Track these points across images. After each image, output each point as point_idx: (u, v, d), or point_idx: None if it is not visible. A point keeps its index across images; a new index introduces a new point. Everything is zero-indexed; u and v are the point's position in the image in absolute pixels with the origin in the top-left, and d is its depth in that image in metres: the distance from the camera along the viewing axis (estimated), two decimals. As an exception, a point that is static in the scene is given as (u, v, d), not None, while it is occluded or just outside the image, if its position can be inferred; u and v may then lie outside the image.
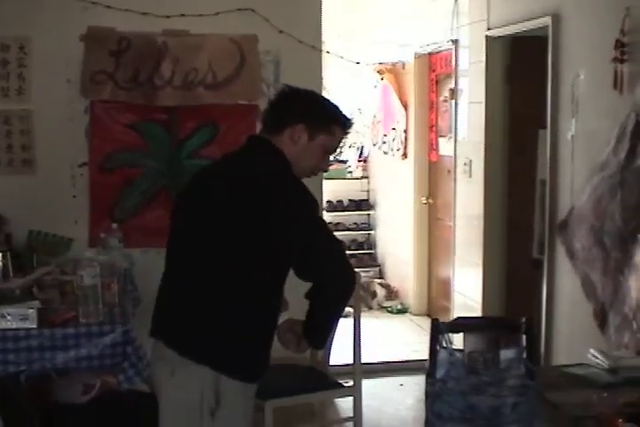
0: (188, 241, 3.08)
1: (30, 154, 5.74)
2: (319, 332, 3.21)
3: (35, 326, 4.04)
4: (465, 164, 6.73)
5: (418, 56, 8.21)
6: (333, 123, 3.15)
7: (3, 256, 4.72)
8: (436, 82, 8.03)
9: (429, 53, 8.04)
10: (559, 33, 5.24)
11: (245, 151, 3.16)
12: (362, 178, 9.99)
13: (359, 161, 10.07)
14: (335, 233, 9.29)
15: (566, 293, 5.20)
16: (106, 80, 5.78)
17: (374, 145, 9.70)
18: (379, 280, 9.19)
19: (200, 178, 3.18)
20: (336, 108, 3.22)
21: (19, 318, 4.03)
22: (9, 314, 4.03)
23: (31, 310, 4.07)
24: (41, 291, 4.53)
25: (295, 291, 3.20)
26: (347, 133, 3.22)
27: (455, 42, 6.92)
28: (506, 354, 3.39)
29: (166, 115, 5.91)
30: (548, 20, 5.30)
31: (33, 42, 5.67)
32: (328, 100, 3.28)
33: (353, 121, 3.33)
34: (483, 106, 6.32)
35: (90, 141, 5.83)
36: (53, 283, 4.59)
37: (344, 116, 3.23)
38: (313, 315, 3.12)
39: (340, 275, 3.07)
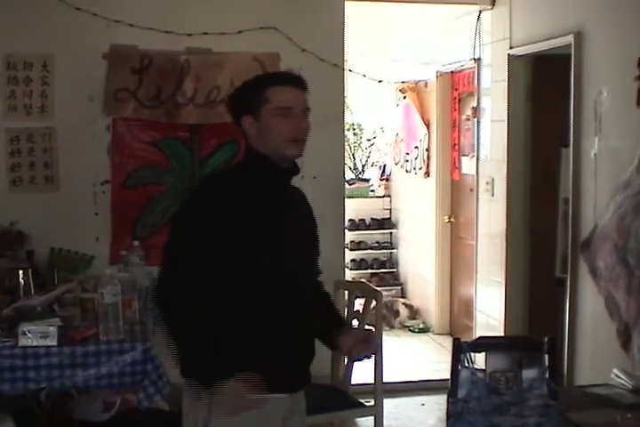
0: None
1: (53, 171, 5.76)
2: None
3: (55, 344, 4.05)
4: (487, 182, 6.71)
5: (440, 74, 8.21)
6: (263, 89, 2.96)
7: (24, 273, 4.74)
8: (459, 100, 8.02)
9: (452, 72, 8.04)
10: (582, 51, 5.23)
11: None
12: (384, 196, 9.98)
13: (381, 179, 10.06)
14: (357, 252, 9.25)
15: (589, 312, 5.17)
16: (128, 98, 5.80)
17: (396, 164, 9.69)
18: (402, 300, 9.16)
19: None
20: (258, 77, 3.09)
21: (39, 336, 4.04)
22: (30, 331, 4.04)
23: (52, 328, 4.08)
24: (62, 308, 4.54)
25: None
26: (289, 82, 3.01)
27: (477, 60, 6.92)
28: (528, 374, 3.35)
29: (188, 132, 5.93)
30: (570, 39, 5.30)
31: (56, 60, 5.71)
32: (256, 76, 3.10)
33: (291, 72, 3.13)
34: (505, 124, 6.31)
35: (112, 159, 5.85)
36: (74, 300, 4.61)
37: (271, 73, 3.20)
38: None
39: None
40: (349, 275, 8.88)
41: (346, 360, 4.91)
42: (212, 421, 2.89)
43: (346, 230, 6.85)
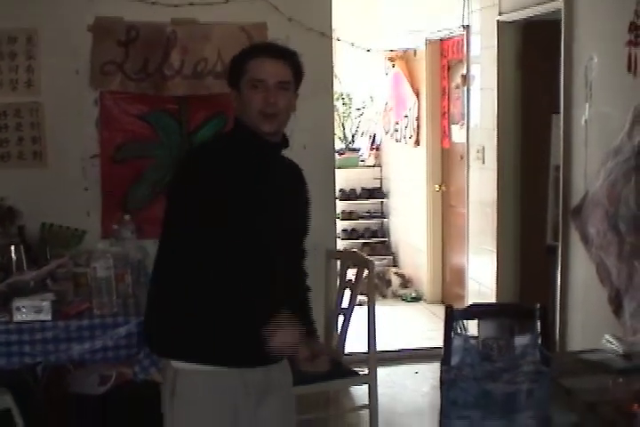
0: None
1: (41, 146, 5.77)
2: None
3: (49, 319, 4.08)
4: (478, 150, 6.75)
5: (429, 42, 8.22)
6: (244, 62, 2.96)
7: (16, 249, 4.76)
8: (448, 68, 8.04)
9: (441, 39, 8.06)
10: (572, 16, 5.23)
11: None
12: (374, 166, 10.02)
13: (371, 149, 10.09)
14: (348, 221, 9.32)
15: (581, 278, 5.22)
16: (115, 71, 5.80)
17: (386, 133, 9.71)
18: (394, 269, 9.22)
19: None
20: (243, 49, 3.05)
21: (33, 311, 4.06)
22: (24, 307, 4.06)
23: (45, 303, 4.10)
24: (55, 283, 4.56)
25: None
26: (267, 53, 2.99)
27: (467, 27, 6.93)
28: (520, 341, 3.39)
29: (176, 105, 5.93)
30: (560, 4, 5.30)
31: (40, 33, 5.69)
32: (243, 48, 3.08)
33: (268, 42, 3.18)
34: (495, 92, 6.33)
35: (100, 133, 5.85)
36: (67, 275, 4.62)
37: (253, 45, 3.16)
38: None
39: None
40: (340, 245, 8.92)
41: (339, 330, 4.97)
42: (176, 387, 2.92)
43: (337, 200, 6.88)
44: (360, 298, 5.02)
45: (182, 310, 2.87)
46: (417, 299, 8.71)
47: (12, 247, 4.76)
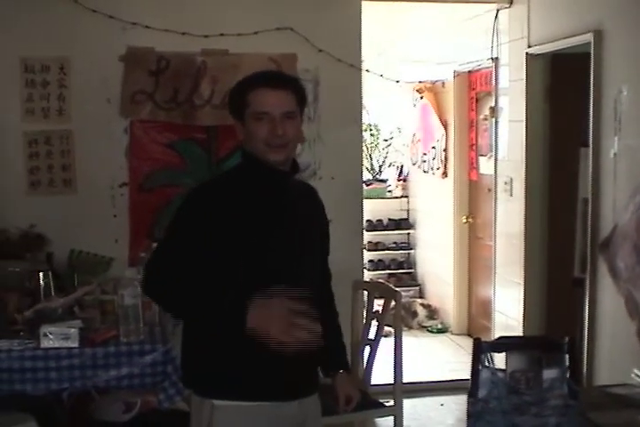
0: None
1: (71, 174, 5.81)
2: None
3: (76, 346, 4.10)
4: (505, 182, 6.73)
5: (457, 74, 8.23)
6: (245, 93, 2.91)
7: (44, 276, 4.78)
8: (476, 100, 8.04)
9: (469, 72, 8.06)
10: (601, 49, 5.23)
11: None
12: (401, 197, 10.01)
13: (399, 180, 10.09)
14: (375, 252, 9.25)
15: (609, 312, 5.18)
16: (145, 100, 5.85)
17: (414, 164, 9.71)
18: (420, 300, 9.19)
19: None
20: (242, 79, 2.99)
21: (61, 338, 4.09)
22: (51, 333, 4.08)
23: (73, 330, 4.12)
24: (82, 310, 4.59)
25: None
26: (267, 84, 2.91)
27: (495, 60, 6.94)
28: (548, 374, 3.37)
29: (205, 134, 5.97)
30: (589, 37, 5.30)
31: (73, 62, 5.75)
32: (242, 79, 3.01)
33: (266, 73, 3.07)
34: (523, 124, 6.32)
35: (129, 161, 5.90)
36: (94, 302, 4.65)
37: (252, 75, 2.99)
38: None
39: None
40: (367, 276, 8.89)
41: (365, 361, 4.95)
42: (213, 422, 2.90)
43: (364, 231, 6.88)
44: (386, 329, 5.00)
45: (213, 349, 2.88)
46: (443, 330, 8.67)
47: (41, 274, 4.78)
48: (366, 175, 9.55)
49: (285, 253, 2.94)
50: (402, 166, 10.13)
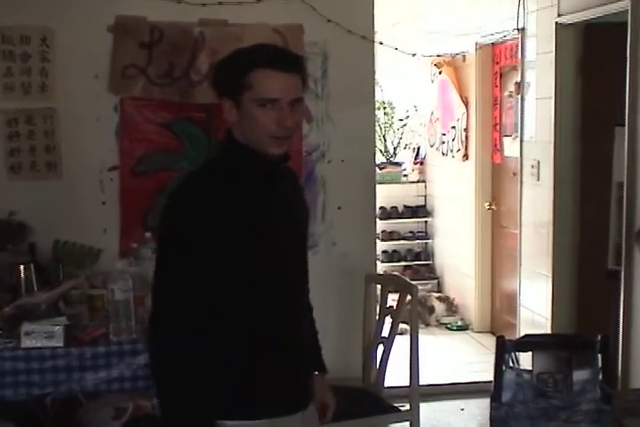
0: None
1: (55, 156, 5.78)
2: None
3: (61, 345, 4.08)
4: (532, 166, 6.71)
5: (480, 47, 8.20)
6: (245, 71, 2.74)
7: (26, 268, 4.78)
8: (501, 75, 8.02)
9: (493, 44, 8.03)
10: (639, 18, 5.20)
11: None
12: (418, 182, 10.00)
13: (415, 163, 10.08)
14: (389, 242, 9.26)
15: (646, 308, 5.18)
16: (137, 75, 5.82)
17: (432, 146, 9.70)
18: (437, 294, 9.18)
19: None
20: (239, 53, 2.83)
21: (44, 336, 4.07)
22: (33, 331, 4.07)
23: (57, 327, 4.11)
24: (68, 306, 4.58)
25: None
26: (277, 65, 2.74)
27: (521, 30, 6.90)
28: (579, 375, 3.37)
29: (204, 113, 5.94)
30: (627, 4, 5.27)
31: (56, 34, 5.71)
32: (237, 51, 2.84)
33: (272, 49, 2.87)
34: (552, 101, 6.29)
35: (120, 143, 5.87)
36: (81, 297, 4.64)
37: (254, 50, 2.83)
38: None
39: (149, 335, 2.83)
40: (380, 268, 8.90)
41: (378, 361, 4.95)
42: None
43: (377, 219, 6.87)
44: (401, 326, 4.99)
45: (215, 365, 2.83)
46: (463, 328, 8.67)
47: (22, 266, 4.79)
48: (379, 158, 9.54)
49: (289, 248, 2.94)
50: (418, 148, 10.12)
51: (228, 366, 2.83)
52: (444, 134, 9.20)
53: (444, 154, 9.24)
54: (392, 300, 5.08)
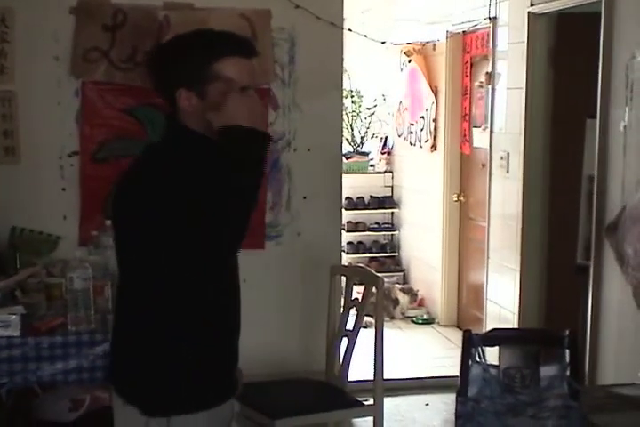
0: None
1: (13, 141, 5.75)
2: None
3: (17, 335, 4.05)
4: (502, 157, 6.72)
5: (450, 35, 8.20)
6: (209, 60, 2.74)
7: (-19, 256, 4.75)
8: (471, 65, 8.02)
9: (464, 32, 8.03)
10: (613, 8, 5.20)
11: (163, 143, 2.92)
12: (385, 172, 9.99)
13: (382, 153, 10.07)
14: (355, 233, 9.25)
15: (615, 303, 5.19)
16: (99, 58, 5.79)
17: (399, 136, 9.70)
18: (399, 286, 9.18)
19: None
20: (198, 39, 2.82)
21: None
22: (-12, 320, 4.05)
23: (14, 317, 4.08)
24: (25, 295, 4.55)
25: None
26: (242, 52, 2.80)
27: (493, 19, 6.92)
28: (546, 371, 3.38)
29: (167, 99, 5.91)
30: (600, -6, 5.29)
31: (16, 14, 5.68)
32: (195, 35, 2.84)
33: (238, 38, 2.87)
34: (523, 92, 6.31)
35: (81, 128, 5.84)
36: (39, 286, 4.60)
37: (214, 36, 2.83)
38: None
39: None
40: (345, 259, 8.89)
41: (342, 355, 4.94)
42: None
43: (343, 210, 6.87)
44: (366, 319, 4.99)
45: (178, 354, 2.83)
46: (429, 321, 8.68)
47: (-24, 254, 4.76)
48: (346, 147, 9.52)
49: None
50: (386, 138, 10.11)
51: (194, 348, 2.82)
52: (412, 124, 9.20)
53: (412, 144, 9.23)
54: (357, 292, 5.07)
